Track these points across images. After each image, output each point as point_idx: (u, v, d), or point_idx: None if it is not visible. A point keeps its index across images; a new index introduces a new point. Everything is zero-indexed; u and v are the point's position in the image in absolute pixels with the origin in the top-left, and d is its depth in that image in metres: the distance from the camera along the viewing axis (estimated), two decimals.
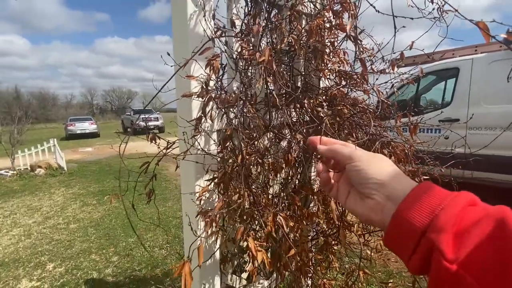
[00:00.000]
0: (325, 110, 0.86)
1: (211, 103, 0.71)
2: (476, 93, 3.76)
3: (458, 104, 3.94)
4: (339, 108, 0.89)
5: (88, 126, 16.34)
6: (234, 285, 1.14)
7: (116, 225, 3.51)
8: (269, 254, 1.08)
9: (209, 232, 0.73)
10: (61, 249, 2.95)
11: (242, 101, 0.70)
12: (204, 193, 0.78)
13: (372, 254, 1.17)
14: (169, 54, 0.74)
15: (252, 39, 0.70)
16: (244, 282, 1.18)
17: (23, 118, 6.51)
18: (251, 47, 0.69)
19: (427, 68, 4.61)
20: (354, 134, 0.96)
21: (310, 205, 1.25)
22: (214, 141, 0.81)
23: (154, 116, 18.04)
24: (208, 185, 0.78)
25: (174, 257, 2.70)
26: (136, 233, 3.21)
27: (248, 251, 1.11)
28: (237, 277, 1.15)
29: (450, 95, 4.15)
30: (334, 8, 0.98)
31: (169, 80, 0.70)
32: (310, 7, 1.09)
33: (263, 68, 0.61)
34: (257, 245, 0.65)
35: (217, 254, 0.96)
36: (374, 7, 0.82)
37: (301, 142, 1.00)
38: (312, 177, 1.30)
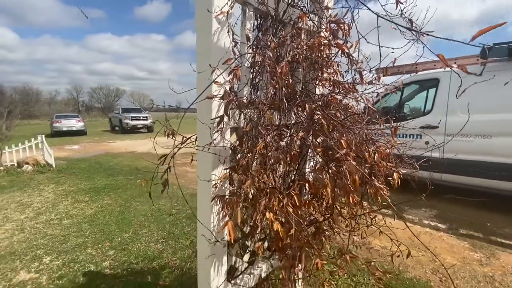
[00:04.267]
0: (321, 113, 1.02)
1: (230, 103, 0.86)
2: (454, 102, 4.06)
3: (438, 112, 4.24)
4: (333, 112, 1.06)
5: (75, 124, 16.00)
6: (237, 266, 1.28)
7: (110, 221, 3.56)
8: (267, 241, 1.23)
9: (227, 213, 0.87)
10: (56, 243, 2.98)
11: (260, 104, 0.86)
12: (220, 181, 0.93)
13: (358, 239, 1.34)
14: (193, 66, 0.88)
15: (269, 52, 0.85)
16: (245, 264, 1.33)
17: (12, 114, 6.40)
18: (269, 60, 0.84)
19: (410, 78, 4.92)
20: (345, 135, 1.13)
21: (304, 198, 1.41)
22: (235, 137, 0.96)
23: (143, 115, 17.86)
24: (226, 173, 0.92)
25: (170, 251, 2.80)
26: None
27: (246, 236, 1.26)
28: (240, 259, 1.29)
29: (431, 103, 4.46)
30: (331, 26, 1.16)
31: (204, 97, 0.85)
32: (310, 24, 1.26)
33: (277, 76, 0.77)
34: (273, 217, 0.80)
35: (226, 237, 1.10)
36: (362, 35, 1.00)
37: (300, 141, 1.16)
38: (307, 171, 1.46)
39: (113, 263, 2.60)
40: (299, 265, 1.59)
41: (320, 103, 1.04)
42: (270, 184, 0.89)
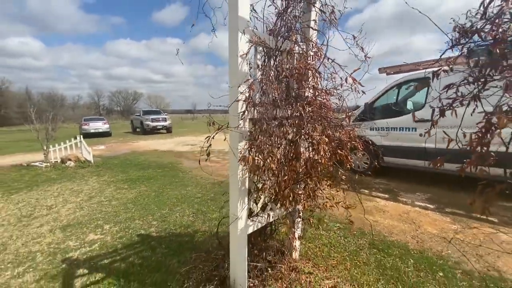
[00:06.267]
0: (301, 108, 1.67)
1: (248, 104, 1.53)
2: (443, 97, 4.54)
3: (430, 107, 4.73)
4: (311, 107, 1.70)
5: (101, 126, 17.31)
6: (253, 209, 1.96)
7: (149, 202, 4.35)
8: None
9: (246, 167, 1.56)
10: (111, 217, 3.79)
11: (265, 104, 1.53)
12: (243, 148, 1.61)
13: (334, 192, 1.98)
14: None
15: (270, 73, 1.50)
16: (259, 210, 2.01)
17: (56, 117, 7.42)
18: (266, 79, 1.51)
19: (410, 75, 5.43)
20: (320, 123, 1.79)
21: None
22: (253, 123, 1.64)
23: (163, 117, 18.94)
24: (246, 143, 1.60)
25: (200, 222, 3.53)
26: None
27: (259, 190, 1.94)
28: (255, 205, 1.97)
29: (424, 99, 4.97)
30: (311, 53, 1.82)
31: (234, 101, 1.54)
32: (299, 50, 1.92)
33: (275, 88, 1.43)
34: (271, 162, 1.47)
35: (247, 185, 1.78)
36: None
37: (298, 129, 1.83)
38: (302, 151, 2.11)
39: (157, 229, 3.36)
40: (298, 216, 2.25)
41: (304, 102, 1.69)
42: (271, 149, 1.56)
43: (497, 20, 1.01)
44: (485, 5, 1.03)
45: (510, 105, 1.04)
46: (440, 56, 1.45)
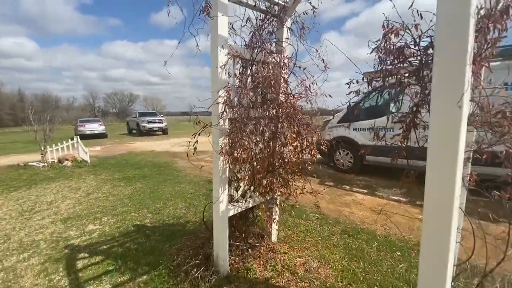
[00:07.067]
0: (272, 110, 2.01)
1: (226, 106, 1.87)
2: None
3: (404, 109, 5.13)
4: (282, 109, 2.05)
5: (97, 127, 17.48)
6: (234, 196, 2.30)
7: (144, 197, 4.65)
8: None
9: (226, 158, 1.89)
10: (108, 210, 4.08)
11: (240, 106, 1.87)
12: (223, 143, 1.94)
13: (303, 181, 2.32)
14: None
15: (243, 80, 1.84)
16: (239, 197, 2.34)
17: (54, 119, 7.66)
18: (241, 86, 1.84)
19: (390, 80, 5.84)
20: (289, 122, 2.14)
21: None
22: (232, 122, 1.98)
23: (159, 118, 19.17)
24: (225, 138, 1.93)
25: (191, 214, 3.84)
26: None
27: (239, 180, 2.28)
28: (236, 192, 2.31)
29: (401, 102, 5.37)
30: (282, 64, 2.17)
31: (214, 103, 1.87)
32: (274, 59, 2.27)
33: (247, 92, 1.76)
34: (243, 153, 1.81)
35: (227, 174, 2.11)
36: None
37: (271, 127, 2.17)
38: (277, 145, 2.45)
39: (151, 220, 3.66)
40: (275, 203, 2.59)
41: (275, 104, 2.03)
42: (242, 142, 1.90)
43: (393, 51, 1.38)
44: (384, 42, 1.40)
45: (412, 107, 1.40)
46: (379, 69, 1.80)
